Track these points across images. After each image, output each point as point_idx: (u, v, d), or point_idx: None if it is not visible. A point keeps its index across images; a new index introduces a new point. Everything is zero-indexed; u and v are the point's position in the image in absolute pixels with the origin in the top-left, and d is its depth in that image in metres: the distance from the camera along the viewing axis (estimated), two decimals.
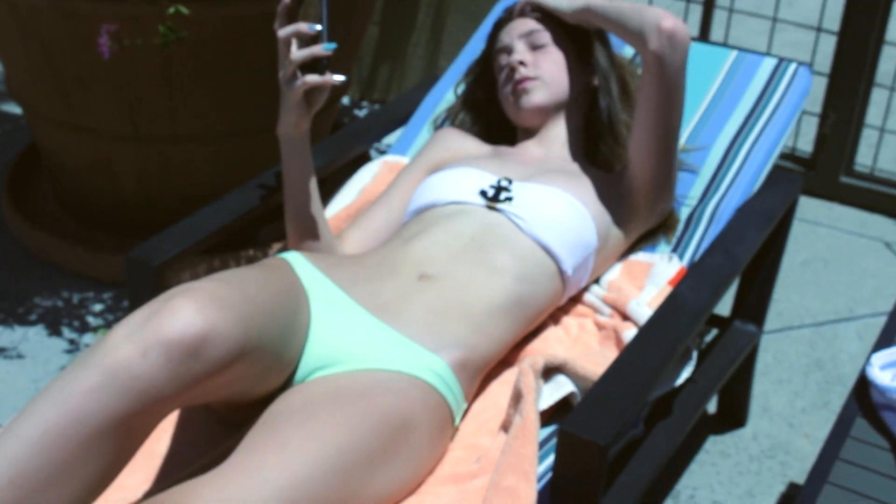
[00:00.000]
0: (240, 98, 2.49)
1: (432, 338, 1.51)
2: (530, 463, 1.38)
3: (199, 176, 2.60)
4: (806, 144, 3.28)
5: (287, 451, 1.27)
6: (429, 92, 2.23)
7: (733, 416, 2.26)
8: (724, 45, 2.16)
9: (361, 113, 3.64)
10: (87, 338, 2.47)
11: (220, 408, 1.53)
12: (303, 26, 1.55)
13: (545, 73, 1.85)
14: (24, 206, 2.88)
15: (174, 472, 1.48)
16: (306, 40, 1.57)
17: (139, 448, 1.27)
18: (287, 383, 1.47)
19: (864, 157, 3.24)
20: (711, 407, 2.31)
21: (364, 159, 2.94)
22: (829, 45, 3.29)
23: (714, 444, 2.23)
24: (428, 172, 1.90)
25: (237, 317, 1.27)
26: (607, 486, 1.60)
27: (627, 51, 2.12)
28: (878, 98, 3.38)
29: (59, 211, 2.87)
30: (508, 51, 1.89)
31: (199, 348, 1.23)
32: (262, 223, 1.81)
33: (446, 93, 2.19)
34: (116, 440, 1.21)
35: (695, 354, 1.74)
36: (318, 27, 1.55)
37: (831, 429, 1.41)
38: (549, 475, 1.45)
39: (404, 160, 2.10)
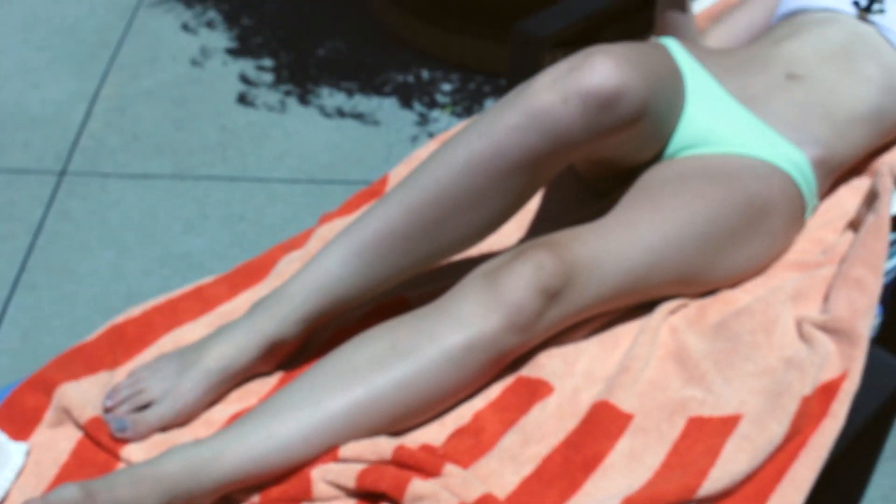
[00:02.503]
0: None
1: (796, 132, 1.60)
2: (880, 257, 1.47)
3: None
4: None
5: (661, 213, 1.41)
6: None
7: None
8: None
9: None
10: (435, 113, 2.67)
11: (591, 175, 1.68)
12: None
13: None
14: None
15: (544, 225, 1.65)
16: None
17: (541, 188, 1.43)
18: (657, 157, 1.60)
19: None
20: None
21: None
22: None
23: None
24: None
25: (645, 77, 1.38)
26: None
27: None
28: None
29: None
30: None
31: (613, 101, 1.34)
32: (615, 14, 1.91)
33: None
34: (527, 176, 1.37)
35: None
36: None
37: None
38: (894, 274, 1.54)
39: None
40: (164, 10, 3.10)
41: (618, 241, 1.38)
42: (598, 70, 1.34)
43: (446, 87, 2.76)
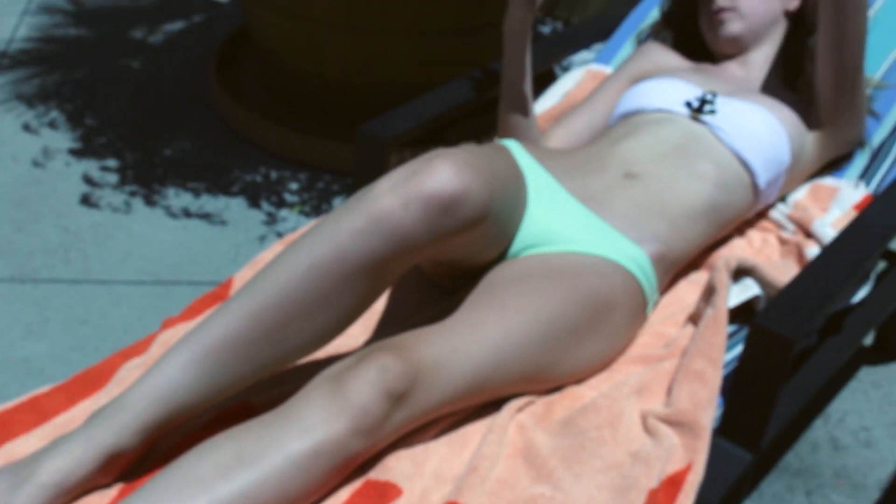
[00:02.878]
0: None
1: (635, 230, 1.64)
2: (719, 350, 1.51)
3: (402, 70, 2.75)
4: None
5: (505, 313, 1.42)
6: (635, 7, 2.34)
7: (888, 349, 2.35)
8: None
9: (545, 29, 3.75)
10: (283, 213, 2.66)
11: (435, 275, 1.69)
12: None
13: (742, 3, 1.93)
14: (231, 86, 3.07)
15: (390, 327, 1.64)
16: None
17: (384, 291, 1.43)
18: (500, 257, 1.61)
19: None
20: (867, 340, 2.39)
21: (549, 76, 3.07)
22: None
23: (867, 375, 2.32)
24: (632, 82, 2.02)
25: (486, 181, 1.40)
26: None
27: None
28: None
29: (263, 93, 3.06)
30: None
31: (454, 205, 1.36)
32: (462, 114, 1.95)
33: (652, 9, 2.30)
34: (370, 280, 1.37)
35: (871, 278, 1.83)
36: None
37: None
38: (732, 365, 1.58)
39: (607, 69, 2.22)
40: (5, 109, 3.03)
41: (463, 342, 1.38)
42: (439, 175, 1.36)
43: (294, 186, 2.76)
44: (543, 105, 2.14)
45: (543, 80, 3.02)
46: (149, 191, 2.71)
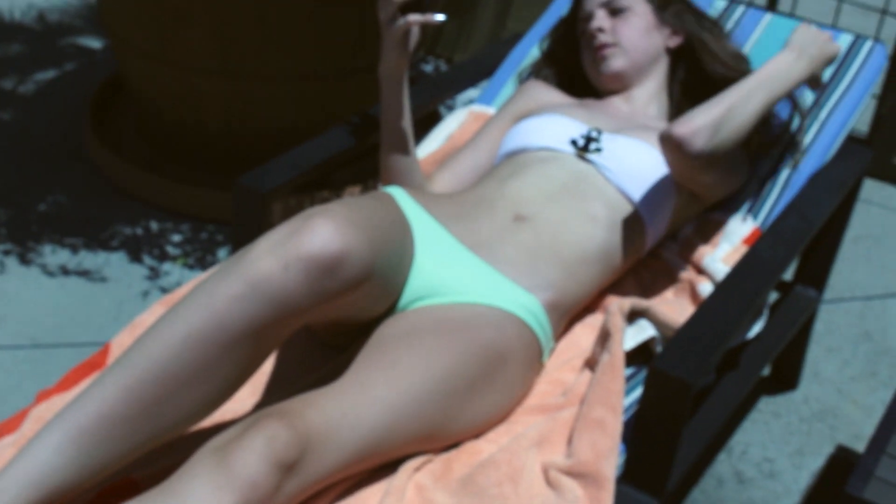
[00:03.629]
0: (329, 40, 2.58)
1: (527, 277, 1.60)
2: (617, 397, 1.48)
3: (283, 115, 2.69)
4: (862, 125, 3.35)
5: (397, 372, 1.37)
6: (515, 46, 2.31)
7: (786, 379, 2.35)
8: (794, 17, 2.23)
9: (428, 68, 3.72)
10: (166, 266, 2.57)
11: (324, 332, 1.63)
12: None
13: (624, 39, 1.92)
14: (107, 137, 2.97)
15: (278, 388, 1.58)
16: None
17: (269, 356, 1.36)
18: (389, 311, 1.56)
19: None
20: (765, 370, 2.39)
21: (434, 116, 3.03)
22: (889, 29, 3.34)
23: (767, 405, 2.32)
24: (515, 121, 1.99)
25: (368, 240, 1.35)
26: None
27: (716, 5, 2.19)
28: None
29: (142, 143, 2.97)
30: (588, 18, 1.96)
31: (335, 266, 1.31)
32: (343, 162, 1.91)
33: (532, 47, 2.28)
34: (252, 346, 1.31)
35: (765, 311, 1.82)
36: None
37: (890, 402, 1.48)
38: (633, 409, 1.55)
39: (490, 110, 2.19)
40: None
41: (354, 404, 1.32)
42: (319, 234, 1.31)
43: (177, 237, 2.68)
44: (427, 149, 2.10)
45: (428, 122, 2.98)
46: (23, 248, 2.61)
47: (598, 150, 1.79)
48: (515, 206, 1.70)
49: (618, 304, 1.59)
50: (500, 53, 2.33)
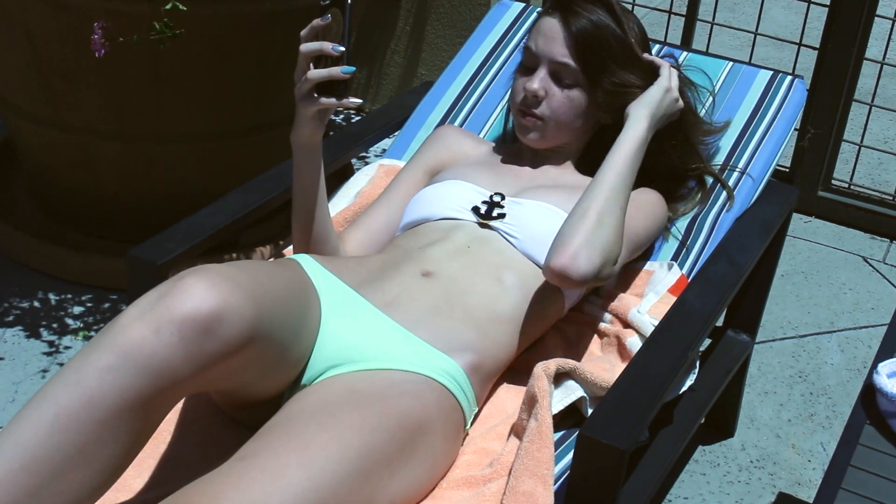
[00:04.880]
0: (228, 98, 2.47)
1: (443, 340, 1.50)
2: (547, 467, 1.37)
3: (185, 176, 2.58)
4: (783, 159, 3.31)
5: (308, 453, 1.25)
6: (423, 97, 2.21)
7: (722, 426, 2.26)
8: (709, 54, 2.17)
9: (338, 118, 3.62)
10: (67, 340, 2.43)
11: (227, 406, 1.51)
12: (327, 46, 1.50)
13: (554, 114, 1.77)
14: None
15: (182, 473, 1.44)
16: (326, 59, 1.53)
17: (153, 431, 1.26)
18: (297, 382, 1.45)
19: (840, 173, 3.27)
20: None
21: (347, 170, 2.93)
22: (805, 59, 3.31)
23: (703, 455, 2.23)
24: (426, 173, 1.88)
25: (249, 296, 1.26)
26: None
27: None
28: (856, 113, 3.42)
29: (36, 210, 2.82)
30: (532, 69, 1.78)
31: (212, 325, 1.21)
32: (248, 225, 1.80)
33: (442, 97, 2.18)
34: (132, 422, 1.19)
35: (697, 363, 1.73)
36: (342, 48, 1.51)
37: (841, 435, 1.41)
38: (564, 477, 1.44)
39: (400, 164, 2.09)
40: None
41: (265, 494, 1.19)
42: (192, 293, 1.22)
43: (78, 309, 2.53)
44: (337, 206, 1.98)
45: (341, 175, 2.88)
46: None
47: (501, 215, 1.69)
48: (422, 264, 1.60)
49: (543, 367, 1.49)
50: (411, 104, 2.23)
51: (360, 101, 1.54)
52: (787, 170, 3.21)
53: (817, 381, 2.48)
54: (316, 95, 1.53)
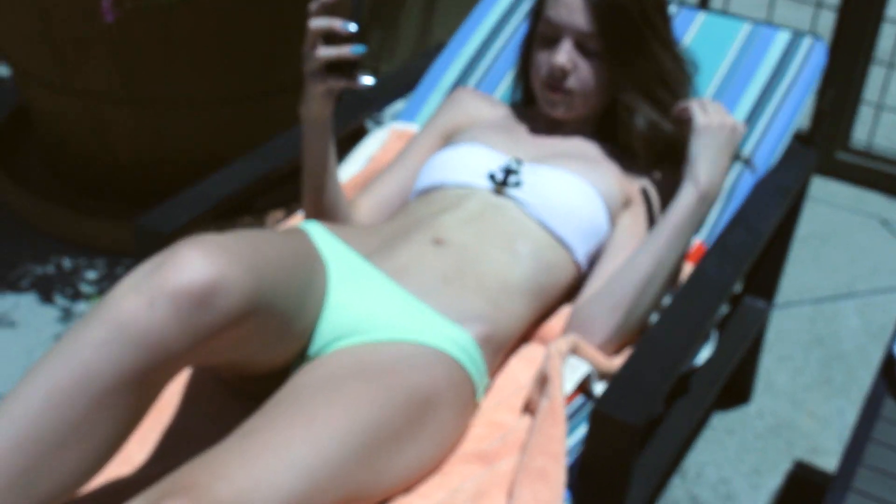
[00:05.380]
0: (238, 62, 2.44)
1: (454, 309, 1.48)
2: (559, 443, 1.35)
3: (197, 142, 2.55)
4: (801, 120, 3.26)
5: (314, 428, 1.23)
6: (435, 59, 2.18)
7: (739, 392, 2.24)
8: (727, 13, 2.13)
9: None
10: (81, 306, 2.42)
11: (233, 378, 1.49)
12: (337, 23, 1.45)
13: (582, 87, 1.72)
14: (13, 171, 2.81)
15: (186, 446, 1.43)
16: (336, 35, 1.48)
17: (151, 407, 1.23)
18: (303, 354, 1.43)
19: (860, 134, 3.23)
20: None
21: (361, 132, 2.90)
22: (824, 20, 3.26)
23: (720, 421, 2.21)
24: (443, 136, 1.85)
25: (248, 267, 1.23)
26: None
27: None
28: (875, 75, 3.37)
29: (50, 176, 2.81)
30: (554, 40, 1.72)
31: (208, 297, 1.19)
32: (259, 191, 1.78)
33: (454, 59, 2.15)
34: (128, 398, 1.17)
35: (715, 334, 1.71)
36: (352, 26, 1.45)
37: (861, 410, 1.39)
38: (577, 451, 1.43)
39: (413, 127, 2.06)
40: None
41: (269, 471, 1.18)
42: (186, 264, 1.19)
43: (92, 274, 2.52)
44: (348, 172, 1.96)
45: (355, 137, 2.85)
46: None
47: (518, 183, 1.66)
48: (433, 232, 1.57)
49: (556, 348, 1.47)
50: (422, 66, 2.20)
51: (372, 81, 1.50)
52: (806, 132, 3.16)
53: (834, 347, 2.46)
54: (325, 74, 1.50)
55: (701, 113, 1.65)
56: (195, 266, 1.19)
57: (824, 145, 3.13)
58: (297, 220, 1.85)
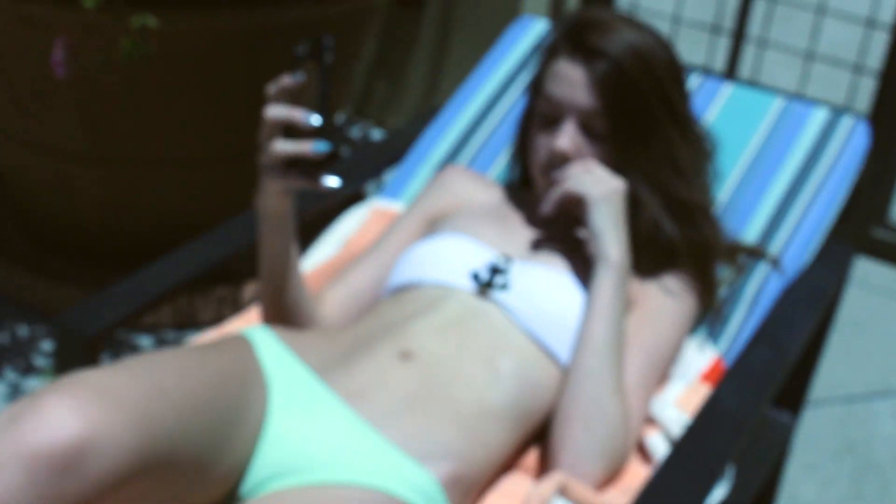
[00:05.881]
0: (213, 120, 2.25)
1: (418, 443, 1.24)
2: None
3: (170, 203, 2.36)
4: None
5: None
6: (426, 128, 1.95)
7: None
8: (754, 85, 1.89)
9: (355, 131, 3.37)
10: (32, 382, 2.20)
11: None
12: (298, 115, 1.23)
13: None
14: None
15: None
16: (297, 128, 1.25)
17: None
18: (231, 495, 1.20)
19: None
20: None
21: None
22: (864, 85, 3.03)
23: None
24: (427, 222, 1.62)
25: (134, 417, 1.01)
26: None
27: None
28: None
29: (16, 234, 2.61)
30: (555, 119, 1.50)
31: (73, 461, 0.97)
32: (205, 283, 1.56)
33: (445, 130, 1.92)
34: None
35: (731, 469, 1.47)
36: (315, 119, 1.23)
37: None
38: None
39: (396, 206, 1.83)
40: None
41: None
42: (47, 419, 0.97)
43: (48, 346, 2.30)
44: (319, 257, 1.73)
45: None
46: None
47: (504, 286, 1.43)
48: (401, 342, 1.34)
49: (539, 493, 1.23)
50: (414, 133, 1.96)
51: (338, 183, 1.26)
52: (842, 209, 2.93)
53: (867, 455, 2.21)
54: (284, 170, 1.27)
55: (591, 183, 1.43)
56: (59, 421, 0.97)
57: (860, 222, 2.89)
58: (251, 318, 1.61)
